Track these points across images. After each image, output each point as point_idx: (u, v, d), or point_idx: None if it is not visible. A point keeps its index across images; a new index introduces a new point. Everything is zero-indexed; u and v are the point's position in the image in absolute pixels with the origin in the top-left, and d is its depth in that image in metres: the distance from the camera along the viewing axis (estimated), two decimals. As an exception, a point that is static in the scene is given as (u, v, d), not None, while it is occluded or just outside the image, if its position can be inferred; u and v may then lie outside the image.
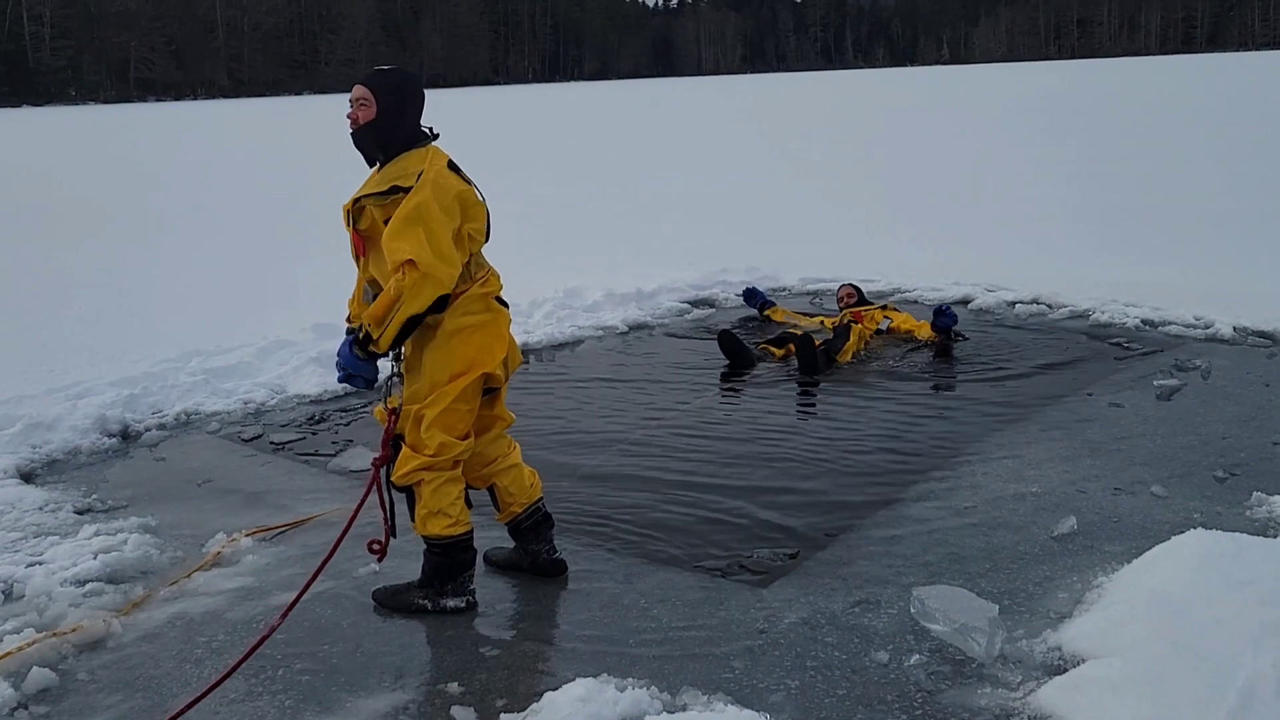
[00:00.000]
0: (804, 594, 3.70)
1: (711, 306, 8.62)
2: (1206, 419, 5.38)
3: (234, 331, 7.45)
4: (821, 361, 6.48)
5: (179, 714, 3.05)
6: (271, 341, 7.09)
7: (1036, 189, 15.10)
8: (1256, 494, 4.31)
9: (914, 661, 3.24)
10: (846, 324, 6.98)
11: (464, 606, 3.66)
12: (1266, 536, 3.78)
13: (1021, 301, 8.10)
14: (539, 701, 3.01)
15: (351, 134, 3.52)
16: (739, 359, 6.66)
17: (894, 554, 3.98)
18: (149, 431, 5.77)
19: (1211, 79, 50.14)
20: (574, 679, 3.07)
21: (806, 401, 6.08)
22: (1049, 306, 7.94)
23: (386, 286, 3.36)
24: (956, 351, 6.87)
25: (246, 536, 4.28)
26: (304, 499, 4.77)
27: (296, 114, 54.26)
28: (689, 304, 8.59)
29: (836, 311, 7.70)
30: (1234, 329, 6.98)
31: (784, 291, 9.09)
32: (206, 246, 12.75)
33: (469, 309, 3.50)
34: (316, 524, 4.45)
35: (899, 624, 3.47)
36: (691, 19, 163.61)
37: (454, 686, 3.22)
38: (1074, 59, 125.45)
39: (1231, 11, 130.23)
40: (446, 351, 3.48)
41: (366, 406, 6.05)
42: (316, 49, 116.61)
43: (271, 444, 5.56)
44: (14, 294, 10.01)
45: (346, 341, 3.54)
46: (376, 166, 3.55)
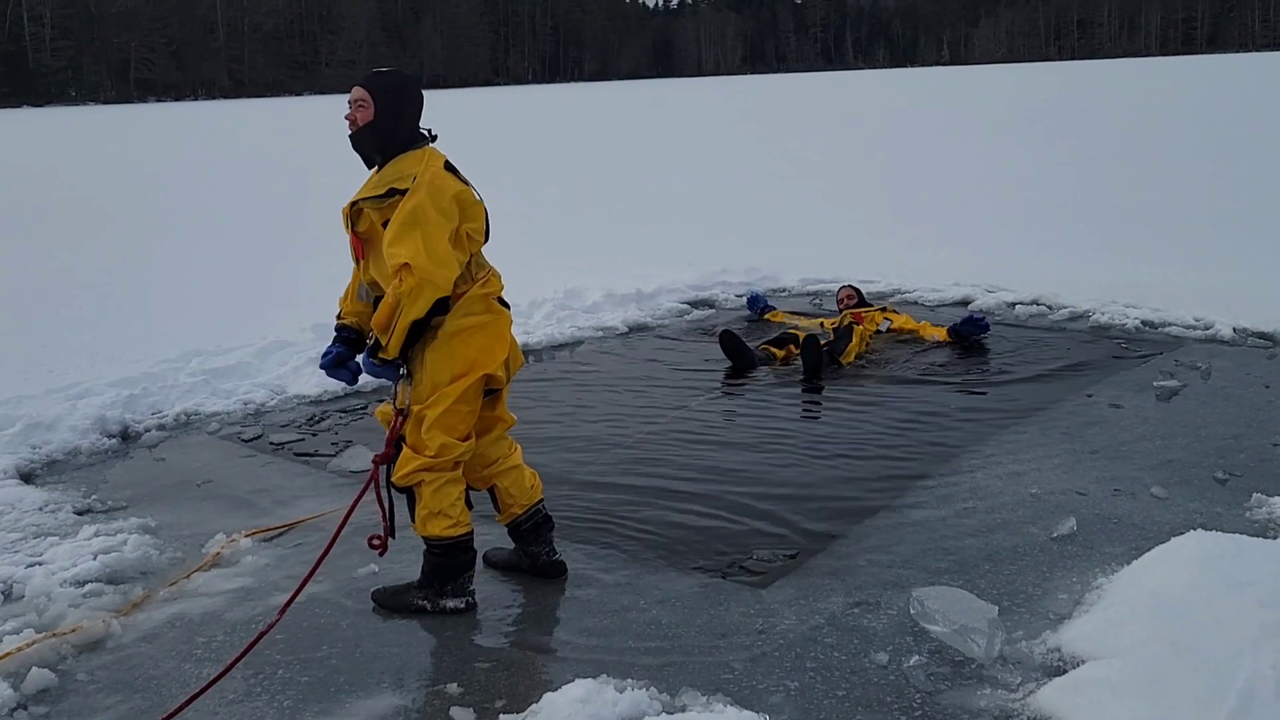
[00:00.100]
0: (803, 595, 3.70)
1: (711, 307, 8.62)
2: (1206, 420, 5.38)
3: (234, 332, 7.46)
4: (825, 362, 6.49)
5: (174, 713, 3.05)
6: (271, 342, 7.10)
7: (1036, 190, 15.10)
8: (1256, 495, 4.31)
9: (913, 662, 3.24)
10: (848, 325, 6.97)
11: (463, 607, 3.66)
12: (1266, 538, 3.77)
13: (1021, 302, 8.10)
14: (538, 702, 3.01)
15: (350, 136, 3.53)
16: (740, 359, 6.66)
17: (893, 555, 3.98)
18: (149, 432, 5.77)
19: (1212, 80, 50.15)
20: (573, 680, 3.07)
21: (807, 402, 6.08)
22: (1049, 307, 7.95)
23: (386, 293, 3.38)
24: (957, 353, 6.87)
25: (246, 537, 4.28)
26: (303, 499, 4.77)
27: (297, 115, 54.28)
28: (689, 305, 8.59)
29: (836, 313, 7.70)
30: (1234, 330, 6.98)
31: (784, 292, 9.09)
32: (206, 247, 12.76)
33: (470, 310, 3.51)
34: (316, 524, 4.45)
35: (898, 625, 3.47)
36: (692, 20, 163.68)
37: (453, 687, 3.22)
38: (1074, 60, 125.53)
39: (1231, 12, 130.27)
40: (447, 352, 3.48)
41: (366, 407, 6.05)
42: (317, 50, 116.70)
43: (271, 444, 5.56)
44: (14, 294, 10.01)
45: (331, 348, 3.68)
46: (375, 168, 3.56)
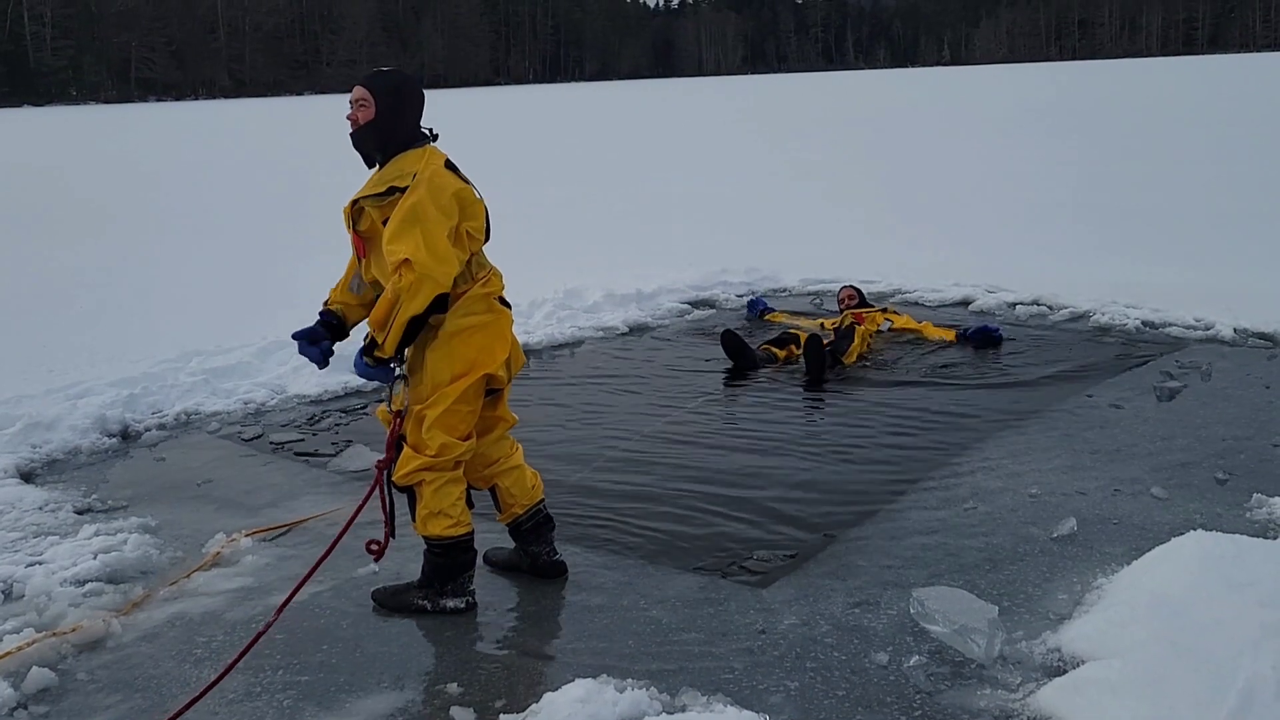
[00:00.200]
0: (803, 595, 3.70)
1: (711, 307, 8.62)
2: (1207, 420, 5.38)
3: (234, 331, 7.46)
4: (828, 363, 6.49)
5: (177, 714, 3.05)
6: (271, 342, 7.09)
7: (1037, 190, 15.10)
8: (1257, 495, 4.31)
9: (913, 663, 3.24)
10: (850, 325, 6.97)
11: (463, 607, 3.66)
12: (1266, 538, 3.77)
13: (1022, 303, 8.10)
14: (538, 702, 3.01)
15: (351, 135, 3.53)
16: (742, 359, 6.65)
17: (893, 555, 3.98)
18: (149, 431, 5.77)
19: (1212, 80, 50.15)
20: (573, 680, 3.07)
21: (808, 402, 6.08)
22: (1049, 308, 7.95)
23: (384, 292, 3.37)
24: (957, 354, 6.86)
25: (246, 537, 4.28)
26: (304, 499, 4.77)
27: (297, 115, 54.26)
28: (689, 305, 8.59)
29: (836, 313, 7.70)
30: (1234, 330, 6.98)
31: (784, 292, 9.09)
32: (207, 246, 12.76)
33: (470, 309, 3.51)
34: (316, 524, 4.45)
35: (898, 625, 3.47)
36: (692, 20, 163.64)
37: (453, 687, 3.22)
38: (1075, 60, 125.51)
39: (1232, 13, 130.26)
40: (447, 352, 3.48)
41: (366, 407, 6.05)
42: (318, 49, 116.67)
43: (271, 444, 5.56)
44: (14, 294, 10.01)
45: (318, 344, 3.69)
46: (376, 167, 3.56)
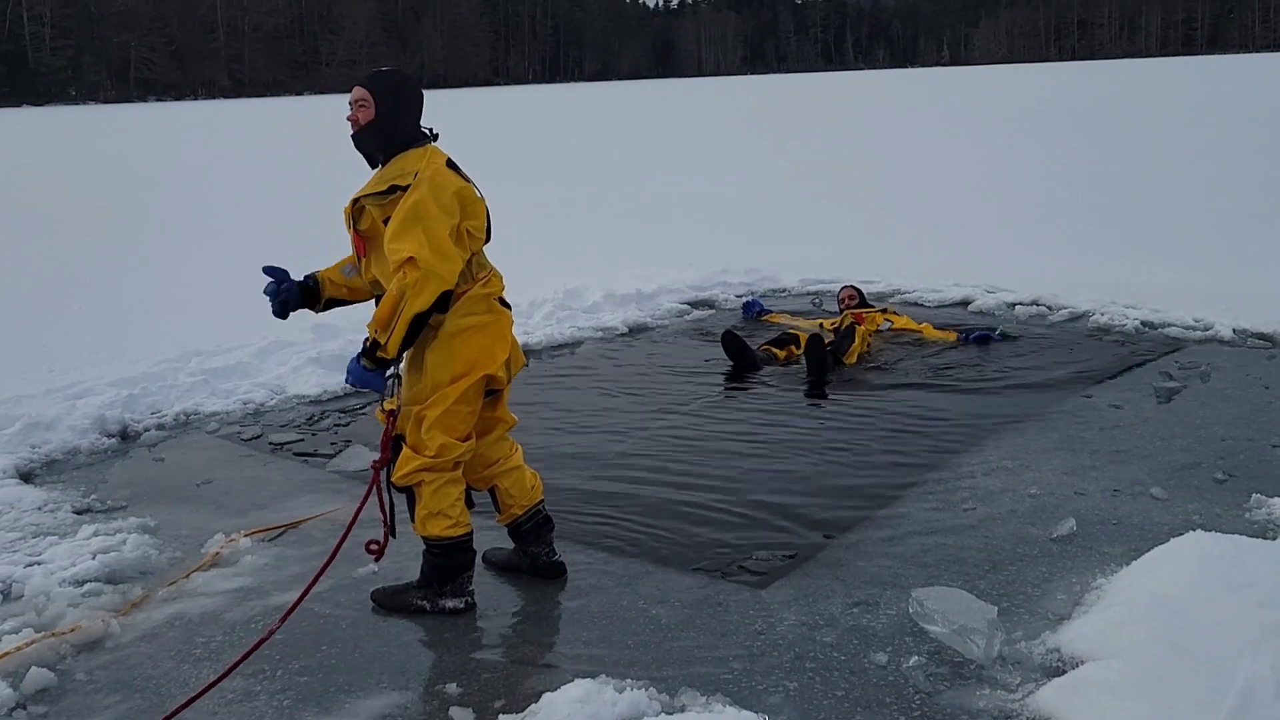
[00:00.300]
0: (803, 595, 3.70)
1: (711, 308, 8.62)
2: (1206, 421, 5.38)
3: (233, 331, 7.45)
4: (829, 363, 6.48)
5: (174, 714, 3.05)
6: (271, 342, 7.09)
7: (1036, 190, 15.10)
8: (1256, 496, 4.31)
9: (913, 663, 3.24)
10: (850, 325, 6.97)
11: (463, 607, 3.66)
12: (1266, 539, 3.77)
13: (1021, 303, 8.10)
14: (537, 702, 3.01)
15: (352, 136, 3.54)
16: (742, 360, 6.65)
17: (893, 555, 3.98)
18: (148, 432, 5.77)
19: (1211, 81, 50.15)
20: (572, 680, 3.07)
21: (808, 402, 6.07)
22: (1049, 308, 7.95)
23: (388, 290, 3.35)
24: (957, 354, 6.86)
25: (245, 537, 4.28)
26: (303, 499, 4.77)
27: (297, 115, 54.25)
28: (689, 305, 8.59)
29: (835, 313, 7.70)
30: (1234, 331, 6.98)
31: (784, 293, 9.10)
32: (206, 246, 12.75)
33: (471, 310, 3.50)
34: (315, 525, 4.45)
35: (898, 625, 3.47)
36: (692, 20, 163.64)
37: (453, 687, 3.22)
38: (1074, 60, 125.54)
39: (1232, 13, 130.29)
40: (448, 353, 3.48)
41: (366, 407, 6.05)
42: (317, 50, 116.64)
43: (270, 444, 5.56)
44: (14, 294, 10.01)
45: (283, 288, 3.66)
46: (378, 167, 3.56)
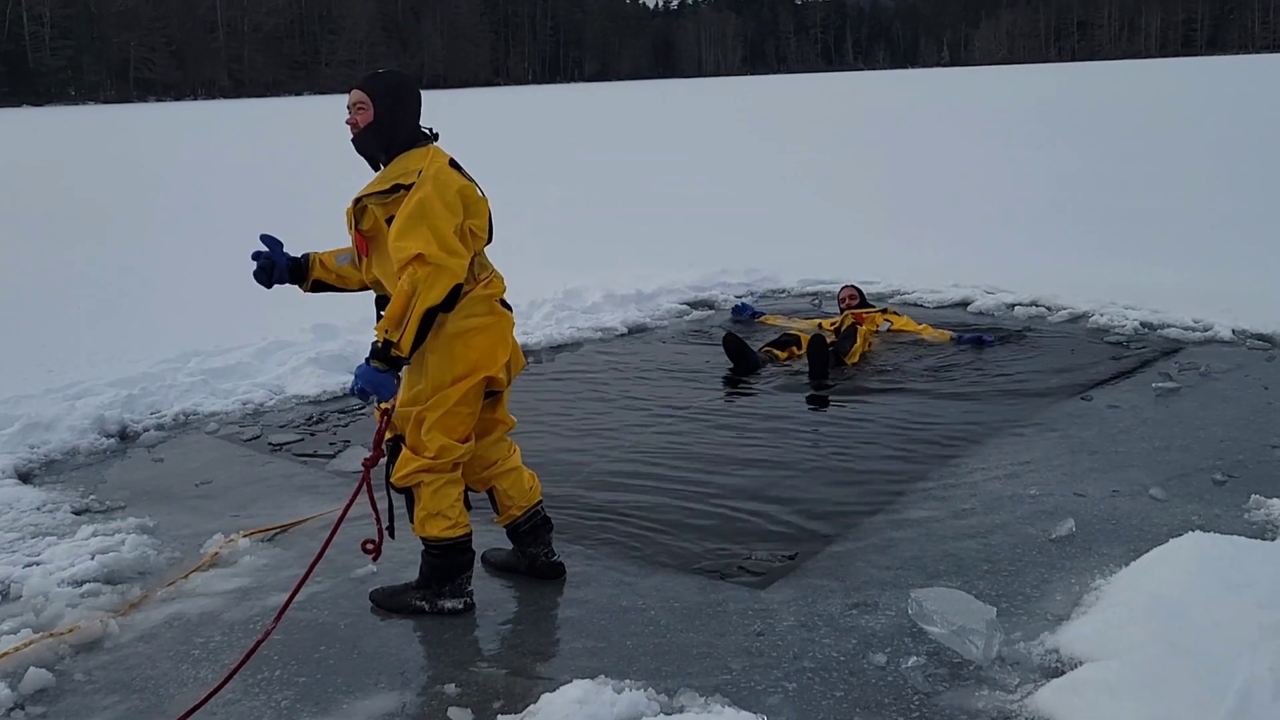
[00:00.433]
0: (802, 596, 3.70)
1: (711, 308, 8.62)
2: (1205, 421, 5.38)
3: (233, 332, 7.45)
4: (831, 364, 6.48)
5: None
6: (270, 342, 7.09)
7: (1036, 191, 15.10)
8: (1255, 497, 4.31)
9: (911, 664, 3.24)
10: (852, 326, 6.96)
11: (461, 608, 3.66)
12: (1264, 539, 3.77)
13: (1020, 304, 8.10)
14: (536, 703, 3.01)
15: (352, 139, 3.53)
16: (744, 361, 6.64)
17: (892, 556, 3.98)
18: (147, 432, 5.77)
19: (1211, 81, 50.15)
20: (571, 680, 3.07)
21: (808, 404, 6.07)
22: (1048, 309, 7.95)
23: (398, 286, 3.30)
24: (957, 355, 6.86)
25: (244, 537, 4.28)
26: (302, 500, 4.77)
27: (297, 115, 54.23)
28: (688, 305, 8.59)
29: (833, 314, 7.69)
30: (1233, 331, 6.98)
31: (783, 293, 9.10)
32: (206, 247, 12.74)
33: (472, 311, 3.50)
34: (314, 525, 4.45)
35: (897, 626, 3.47)
36: (692, 20, 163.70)
37: (451, 688, 3.22)
38: (1074, 61, 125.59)
39: (1231, 14, 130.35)
40: (449, 354, 3.47)
41: (365, 408, 6.05)
42: (317, 50, 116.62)
43: (270, 445, 5.56)
44: (13, 294, 10.00)
45: (274, 260, 3.72)
46: (379, 169, 3.56)
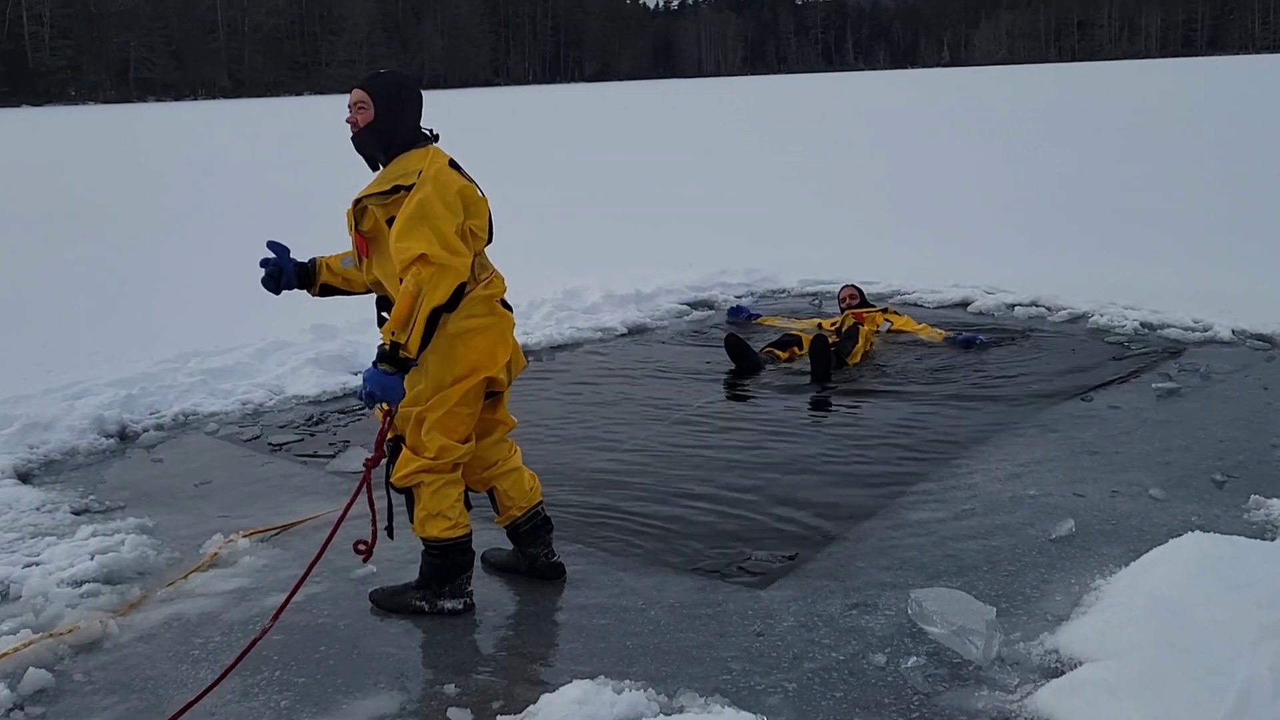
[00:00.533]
0: (802, 596, 3.70)
1: (710, 308, 8.62)
2: (1205, 422, 5.38)
3: (232, 332, 7.45)
4: (833, 364, 6.47)
5: (173, 718, 3.04)
6: (270, 342, 7.09)
7: (1036, 191, 15.10)
8: (1255, 497, 4.31)
9: (911, 664, 3.24)
10: (854, 326, 6.96)
11: (461, 608, 3.66)
12: (1264, 539, 3.77)
13: (1020, 304, 8.10)
14: (536, 703, 3.01)
15: (352, 138, 3.53)
16: (745, 362, 6.63)
17: (892, 556, 3.98)
18: (147, 432, 5.77)
19: (1211, 82, 50.14)
20: (571, 681, 3.07)
21: (808, 404, 6.07)
22: (1048, 309, 7.95)
23: (402, 287, 3.28)
24: (957, 355, 6.86)
25: (244, 538, 4.28)
26: (302, 500, 4.77)
27: (297, 115, 54.23)
28: (688, 305, 8.59)
29: (832, 314, 7.69)
30: (1233, 332, 6.98)
31: (783, 293, 9.10)
32: (205, 246, 12.74)
33: (472, 311, 3.49)
34: (314, 525, 4.45)
35: (896, 626, 3.47)
36: (692, 21, 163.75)
37: (451, 688, 3.22)
38: (1074, 61, 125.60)
39: (1232, 15, 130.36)
40: (449, 354, 3.47)
41: (365, 408, 6.04)
42: (317, 50, 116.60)
43: (270, 445, 5.56)
44: (13, 293, 10.00)
45: (281, 266, 3.76)
46: (378, 170, 3.56)
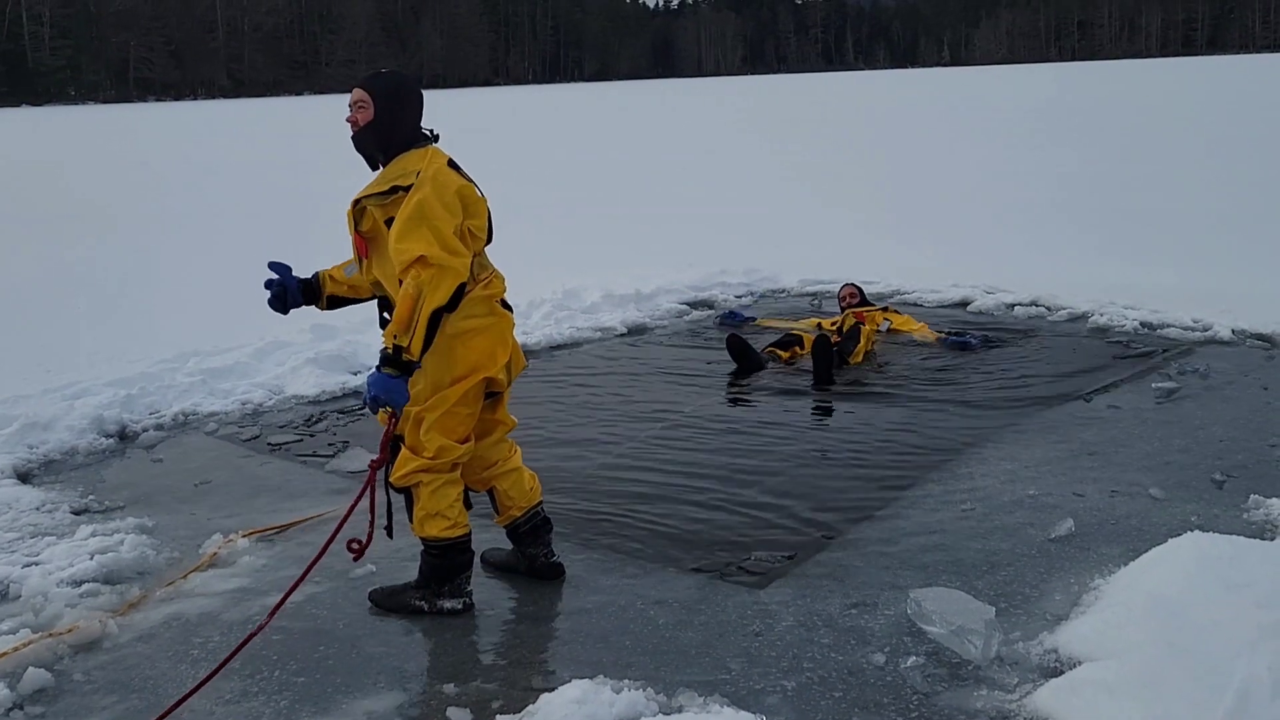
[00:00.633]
0: (801, 596, 3.70)
1: (710, 308, 8.61)
2: (1204, 422, 5.38)
3: (232, 332, 7.44)
4: (835, 363, 6.47)
5: (167, 713, 3.04)
6: (269, 342, 7.08)
7: (1036, 191, 15.11)
8: (1254, 497, 4.31)
9: (910, 664, 3.24)
10: (856, 325, 6.95)
11: (460, 608, 3.66)
12: (1264, 539, 3.77)
13: (1020, 304, 8.10)
14: (535, 703, 3.01)
15: (352, 137, 3.54)
16: (747, 362, 6.63)
17: (891, 556, 3.98)
18: (146, 432, 5.77)
19: (1211, 81, 50.14)
20: (570, 680, 3.07)
21: (807, 404, 6.07)
22: (1048, 309, 7.95)
23: (402, 289, 3.28)
24: (956, 355, 6.85)
25: (243, 537, 4.28)
26: (301, 500, 4.77)
27: (296, 115, 54.24)
28: (688, 305, 8.59)
29: (830, 314, 7.69)
30: (1232, 331, 6.98)
31: (783, 293, 9.11)
32: (205, 246, 12.75)
33: (472, 312, 3.49)
34: (314, 525, 4.45)
35: (896, 626, 3.47)
36: (692, 20, 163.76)
37: (450, 688, 3.22)
38: (1074, 61, 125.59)
39: (1232, 14, 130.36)
40: (448, 354, 3.47)
41: (364, 408, 6.04)
42: (317, 49, 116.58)
43: (269, 445, 5.56)
44: (13, 294, 10.00)
45: (285, 286, 3.67)
46: (379, 169, 3.56)
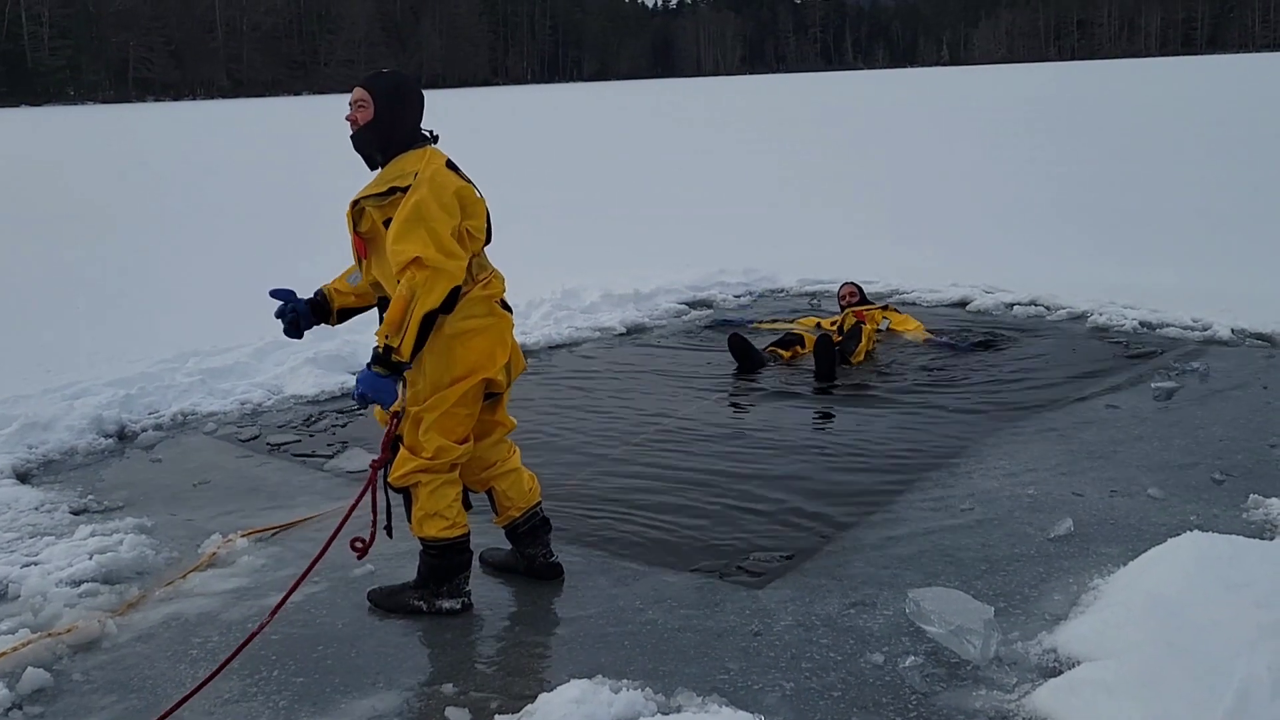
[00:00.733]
0: (799, 595, 3.70)
1: (709, 308, 8.62)
2: (1204, 421, 5.38)
3: (231, 332, 7.44)
4: (836, 362, 6.47)
5: (167, 714, 3.04)
6: (269, 342, 7.07)
7: (1035, 191, 15.11)
8: (1253, 496, 4.31)
9: (909, 663, 3.24)
10: (857, 325, 6.95)
11: (459, 608, 3.66)
12: (1263, 539, 3.78)
13: (1019, 303, 8.10)
14: (534, 703, 3.01)
15: (351, 136, 3.54)
16: (748, 361, 6.63)
17: (890, 555, 3.98)
18: (145, 432, 5.76)
19: (1211, 81, 50.14)
20: (569, 680, 3.07)
21: (807, 403, 6.07)
22: (1047, 308, 7.95)
23: (397, 291, 3.31)
24: (956, 355, 6.85)
25: (242, 537, 4.28)
26: (300, 500, 4.77)
27: (296, 115, 54.24)
28: (687, 305, 8.59)
29: (829, 313, 7.68)
30: (1232, 331, 6.98)
31: (782, 293, 9.11)
32: (204, 246, 12.75)
33: (471, 312, 3.49)
34: (312, 525, 4.45)
35: (894, 626, 3.47)
36: (691, 20, 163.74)
37: (449, 688, 3.22)
38: (1074, 60, 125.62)
39: (1231, 13, 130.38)
40: (447, 355, 3.47)
41: (365, 408, 6.03)
42: (316, 49, 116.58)
43: (268, 445, 5.56)
44: (12, 294, 10.00)
45: (292, 310, 3.75)
46: (378, 169, 3.55)
